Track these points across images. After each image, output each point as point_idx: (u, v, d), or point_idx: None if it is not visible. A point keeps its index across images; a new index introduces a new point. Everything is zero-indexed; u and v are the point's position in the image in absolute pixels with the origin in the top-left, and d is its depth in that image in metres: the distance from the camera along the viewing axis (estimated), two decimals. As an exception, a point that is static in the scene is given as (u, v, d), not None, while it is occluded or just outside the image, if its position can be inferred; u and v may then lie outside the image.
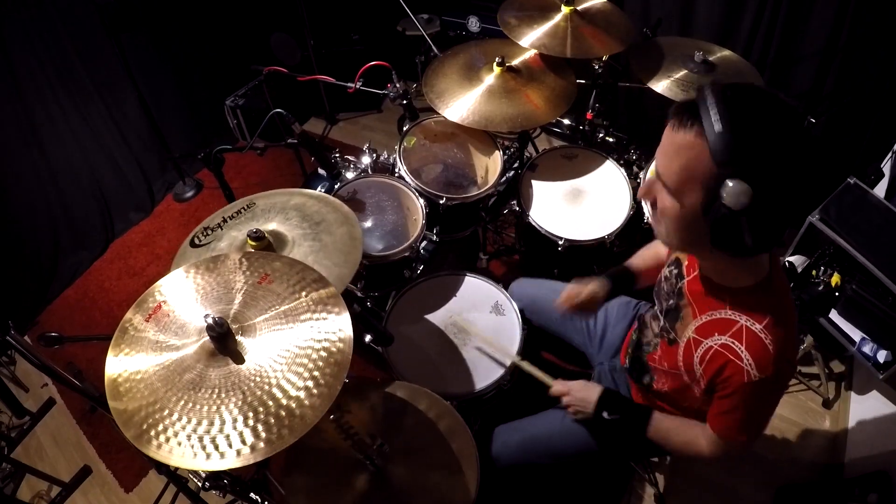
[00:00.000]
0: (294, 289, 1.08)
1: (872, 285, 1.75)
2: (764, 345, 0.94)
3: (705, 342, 1.02)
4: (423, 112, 2.02)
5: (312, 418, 0.91)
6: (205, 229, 1.47)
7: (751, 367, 0.94)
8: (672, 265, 1.19)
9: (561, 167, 2.04)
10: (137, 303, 1.08)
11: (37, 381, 2.39)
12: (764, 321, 0.95)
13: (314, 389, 0.94)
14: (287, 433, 0.90)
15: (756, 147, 0.78)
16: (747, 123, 0.78)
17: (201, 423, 0.90)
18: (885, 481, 1.64)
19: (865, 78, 2.13)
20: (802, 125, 0.82)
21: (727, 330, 0.98)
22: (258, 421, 0.91)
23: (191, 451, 0.88)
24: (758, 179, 0.78)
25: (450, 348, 1.61)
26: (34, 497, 2.05)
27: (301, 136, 1.64)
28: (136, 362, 1.00)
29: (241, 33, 3.13)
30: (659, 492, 1.87)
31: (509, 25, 1.89)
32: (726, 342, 0.98)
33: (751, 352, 0.94)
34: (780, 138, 0.79)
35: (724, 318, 1.00)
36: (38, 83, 2.47)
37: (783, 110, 0.80)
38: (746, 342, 0.95)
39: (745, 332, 0.96)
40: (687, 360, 1.08)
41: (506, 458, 1.45)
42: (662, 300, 1.21)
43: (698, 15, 2.37)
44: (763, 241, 0.85)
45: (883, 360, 1.76)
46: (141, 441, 0.90)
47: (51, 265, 2.71)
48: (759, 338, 0.94)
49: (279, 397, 0.93)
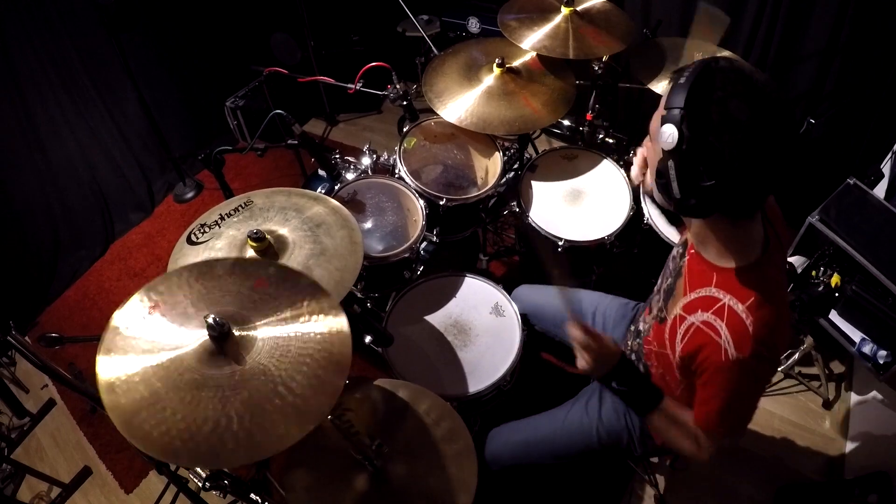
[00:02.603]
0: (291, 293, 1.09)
1: (872, 286, 1.75)
2: (744, 325, 0.94)
3: (689, 318, 1.03)
4: (423, 113, 2.02)
5: (317, 416, 0.92)
6: (202, 226, 1.46)
7: (728, 345, 0.94)
8: (680, 245, 1.20)
9: (561, 168, 2.04)
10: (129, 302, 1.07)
11: (37, 381, 2.39)
12: (747, 301, 0.95)
13: (318, 387, 0.95)
14: (294, 430, 0.90)
15: (698, 100, 0.83)
16: (703, 81, 0.84)
17: (206, 422, 0.91)
18: (885, 481, 1.65)
19: (865, 78, 2.13)
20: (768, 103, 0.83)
21: (710, 307, 0.99)
22: (262, 419, 0.91)
23: (195, 450, 0.88)
24: (690, 128, 0.83)
25: (450, 349, 1.61)
26: (34, 498, 2.05)
27: (301, 136, 1.64)
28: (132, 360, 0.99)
29: (241, 33, 3.12)
30: (659, 492, 1.87)
31: (509, 28, 1.89)
32: (707, 319, 0.99)
33: (730, 330, 0.95)
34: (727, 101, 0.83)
35: (709, 296, 1.00)
36: (38, 83, 2.47)
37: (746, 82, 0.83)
38: (727, 320, 0.96)
39: (727, 310, 0.96)
40: (671, 338, 1.09)
41: (507, 457, 1.45)
42: (664, 280, 1.23)
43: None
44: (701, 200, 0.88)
45: (883, 360, 1.76)
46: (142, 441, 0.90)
47: (51, 265, 2.71)
48: (740, 317, 0.95)
49: (284, 394, 0.94)
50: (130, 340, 1.01)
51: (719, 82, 0.84)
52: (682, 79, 0.86)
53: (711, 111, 0.83)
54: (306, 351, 1.00)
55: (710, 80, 0.84)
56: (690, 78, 0.85)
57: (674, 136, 0.84)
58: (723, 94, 0.83)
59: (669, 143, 0.85)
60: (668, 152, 0.87)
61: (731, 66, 0.86)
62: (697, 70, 0.85)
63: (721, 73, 0.85)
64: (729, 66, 0.86)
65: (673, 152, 0.86)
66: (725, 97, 0.83)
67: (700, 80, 0.84)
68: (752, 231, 0.98)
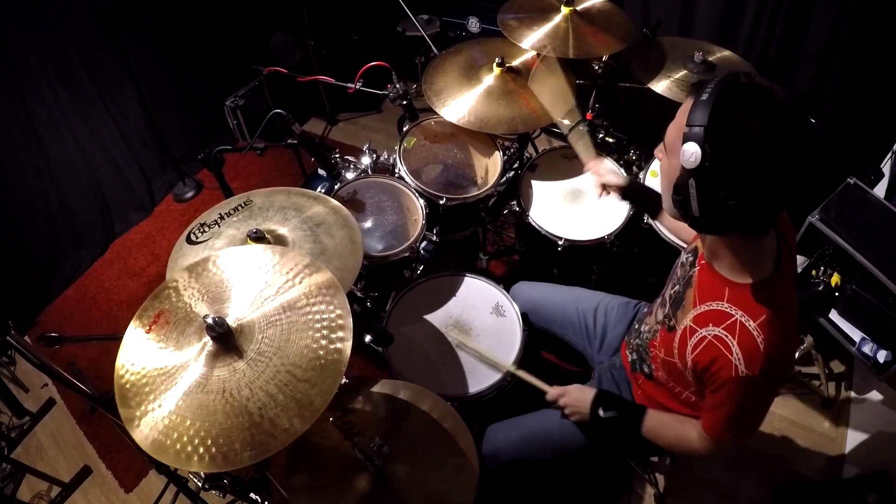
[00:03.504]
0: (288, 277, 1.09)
1: (872, 285, 1.75)
2: (756, 343, 0.95)
3: (700, 331, 1.04)
4: (423, 112, 2.02)
5: (321, 404, 0.92)
6: (201, 225, 1.46)
7: (739, 363, 0.95)
8: (690, 252, 1.20)
9: (561, 167, 2.04)
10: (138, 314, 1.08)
11: (37, 381, 2.39)
12: (759, 319, 0.95)
13: (320, 378, 0.95)
14: (298, 422, 0.91)
15: (722, 118, 0.82)
16: (727, 99, 0.83)
17: (215, 424, 0.91)
18: (885, 481, 1.65)
19: (865, 78, 2.13)
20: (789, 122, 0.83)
21: (722, 322, 0.99)
22: (268, 414, 0.91)
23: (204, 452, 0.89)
24: (713, 147, 0.83)
25: (450, 349, 1.61)
26: (34, 497, 2.05)
27: (301, 136, 1.64)
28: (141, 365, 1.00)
29: (241, 33, 3.12)
30: (659, 492, 1.87)
31: (509, 28, 1.89)
32: (719, 334, 0.99)
33: (741, 348, 0.96)
34: (750, 120, 0.82)
35: (720, 310, 1.01)
36: (37, 83, 2.47)
37: (768, 100, 0.83)
38: (739, 337, 0.96)
39: (738, 326, 0.97)
40: (681, 349, 1.09)
41: (505, 454, 1.46)
42: (671, 286, 1.23)
43: (698, 15, 2.37)
44: (719, 218, 0.88)
45: (883, 360, 1.76)
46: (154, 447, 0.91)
47: (51, 265, 2.71)
48: (752, 336, 0.95)
49: (286, 387, 0.94)
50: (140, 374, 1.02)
51: (742, 100, 0.83)
52: (704, 95, 0.84)
53: (736, 131, 0.82)
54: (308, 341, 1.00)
55: (733, 98, 0.83)
56: (713, 95, 0.83)
57: (697, 156, 0.83)
58: (746, 112, 0.82)
59: (692, 161, 0.84)
60: (689, 170, 0.86)
61: (752, 83, 0.84)
62: (720, 87, 0.84)
63: (744, 91, 0.83)
64: (750, 82, 0.85)
65: (695, 171, 0.85)
66: (749, 116, 0.82)
67: (723, 97, 0.83)
68: (766, 245, 0.99)
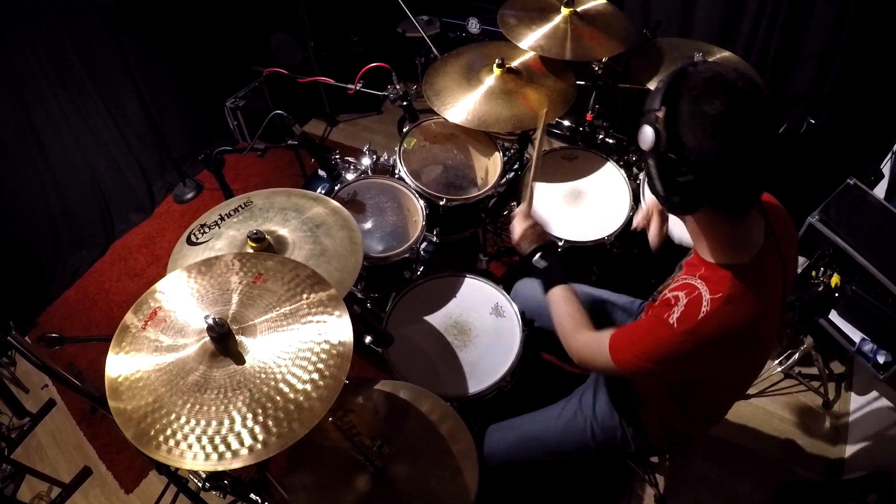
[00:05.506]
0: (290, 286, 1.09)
1: (872, 286, 1.75)
2: (698, 311, 0.96)
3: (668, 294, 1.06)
4: (423, 113, 2.02)
5: (321, 409, 0.92)
6: (201, 226, 1.46)
7: (673, 315, 0.98)
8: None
9: (561, 168, 2.04)
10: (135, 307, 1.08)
11: (37, 381, 2.39)
12: (716, 295, 0.97)
13: (320, 381, 0.95)
14: (297, 426, 0.91)
15: (671, 101, 0.87)
16: (677, 84, 0.87)
17: (210, 423, 0.91)
18: (885, 481, 1.65)
19: (865, 78, 2.13)
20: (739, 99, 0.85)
21: (688, 291, 1.01)
22: (267, 417, 0.92)
23: (202, 452, 0.89)
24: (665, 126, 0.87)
25: (450, 350, 1.61)
26: (34, 498, 2.05)
27: (301, 137, 1.65)
28: (136, 364, 1.00)
29: (241, 34, 3.12)
30: (659, 492, 1.87)
31: (508, 25, 1.89)
32: (679, 295, 1.02)
33: (686, 306, 0.98)
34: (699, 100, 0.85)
35: (690, 283, 1.03)
36: (38, 83, 2.46)
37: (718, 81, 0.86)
38: (689, 298, 0.99)
39: (696, 293, 0.99)
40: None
41: (504, 454, 1.47)
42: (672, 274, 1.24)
43: (698, 16, 2.37)
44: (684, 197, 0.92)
45: (883, 360, 1.76)
46: (148, 446, 0.90)
47: (51, 266, 2.71)
48: (700, 303, 0.97)
49: (286, 391, 0.94)
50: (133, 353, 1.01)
51: (692, 82, 0.87)
52: (659, 83, 0.91)
53: (684, 112, 0.86)
54: (308, 345, 1.00)
55: (683, 81, 0.87)
56: (667, 81, 0.89)
57: (651, 137, 0.89)
58: (696, 93, 0.86)
59: (648, 143, 0.90)
60: (647, 152, 0.92)
61: (706, 67, 0.89)
62: (673, 73, 0.90)
63: (695, 74, 0.88)
64: (704, 67, 0.89)
65: (651, 152, 0.91)
66: (698, 96, 0.86)
67: (675, 82, 0.88)
68: (745, 235, 1.00)
